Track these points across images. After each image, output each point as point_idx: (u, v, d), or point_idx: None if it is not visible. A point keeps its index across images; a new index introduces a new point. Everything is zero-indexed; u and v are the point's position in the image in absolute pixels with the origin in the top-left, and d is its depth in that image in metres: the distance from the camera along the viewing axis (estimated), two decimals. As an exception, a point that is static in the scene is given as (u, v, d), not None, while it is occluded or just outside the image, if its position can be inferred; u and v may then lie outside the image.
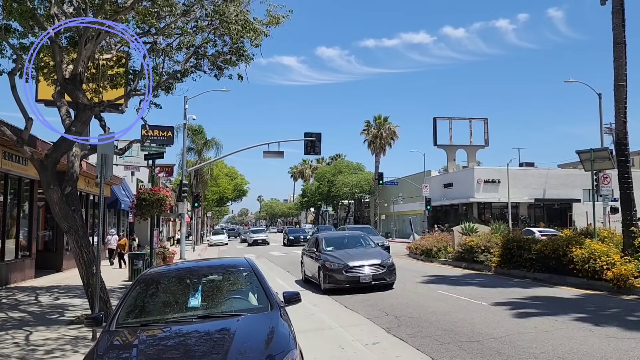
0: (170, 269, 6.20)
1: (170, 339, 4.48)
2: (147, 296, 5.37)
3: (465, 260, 18.47)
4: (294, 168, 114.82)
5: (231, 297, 5.37)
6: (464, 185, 50.00)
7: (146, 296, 5.36)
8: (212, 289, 5.46)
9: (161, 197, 14.85)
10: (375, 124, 65.29)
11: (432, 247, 21.85)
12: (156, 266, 17.54)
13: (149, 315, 5.02)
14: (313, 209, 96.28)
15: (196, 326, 4.62)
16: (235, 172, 78.84)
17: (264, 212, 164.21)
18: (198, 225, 55.98)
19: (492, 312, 9.50)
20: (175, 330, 4.58)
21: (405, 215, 61.16)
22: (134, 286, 5.40)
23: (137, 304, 5.19)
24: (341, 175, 72.57)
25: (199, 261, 7.16)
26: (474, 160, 56.75)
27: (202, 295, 5.24)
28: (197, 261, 7.14)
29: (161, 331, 4.62)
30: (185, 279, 5.63)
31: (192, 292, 5.32)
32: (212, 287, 5.50)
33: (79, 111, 9.67)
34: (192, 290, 5.35)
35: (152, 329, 4.66)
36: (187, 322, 4.72)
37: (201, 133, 54.61)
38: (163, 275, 5.83)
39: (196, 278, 5.59)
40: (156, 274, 5.80)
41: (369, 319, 9.52)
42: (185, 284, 5.53)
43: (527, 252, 14.77)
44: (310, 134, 31.57)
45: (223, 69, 13.56)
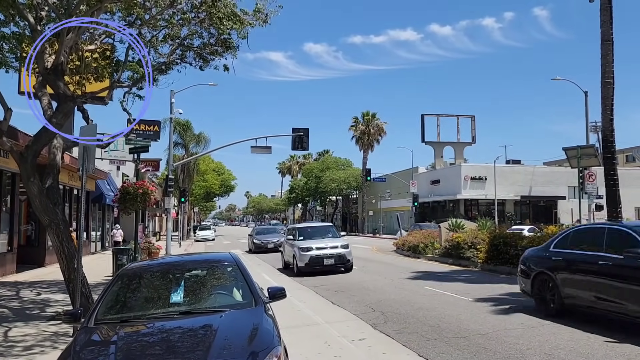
0: (152, 264, 6.04)
1: (151, 335, 4.35)
2: (128, 291, 5.22)
3: (452, 257, 18.49)
4: (282, 164, 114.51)
5: (215, 292, 5.25)
6: (451, 182, 50.20)
7: (127, 291, 5.22)
8: (195, 285, 5.33)
9: (145, 191, 14.63)
10: (363, 120, 65.24)
11: (419, 243, 21.86)
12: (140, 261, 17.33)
13: (130, 311, 4.88)
14: (301, 205, 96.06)
15: (178, 322, 4.49)
16: (222, 168, 78.37)
17: (252, 208, 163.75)
18: (185, 221, 55.56)
19: (478, 308, 9.48)
20: (156, 327, 4.45)
21: (393, 211, 61.26)
22: (114, 281, 5.25)
23: (118, 299, 5.05)
24: (329, 171, 72.43)
25: (182, 256, 7.01)
26: (461, 157, 57.03)
27: (185, 291, 5.11)
28: (180, 256, 6.99)
29: (141, 327, 4.48)
30: (167, 274, 5.48)
31: (174, 287, 5.18)
32: (195, 283, 5.36)
33: (61, 102, 9.44)
34: (174, 285, 5.22)
35: (132, 325, 4.52)
36: (168, 318, 4.59)
37: (189, 128, 54.15)
38: (145, 269, 5.68)
39: (179, 273, 5.44)
40: (138, 269, 5.65)
41: (355, 314, 9.44)
42: (168, 279, 5.39)
43: (514, 248, 14.81)
44: (297, 130, 31.41)
45: (208, 61, 13.40)
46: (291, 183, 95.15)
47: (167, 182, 30.59)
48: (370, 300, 10.92)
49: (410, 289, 12.35)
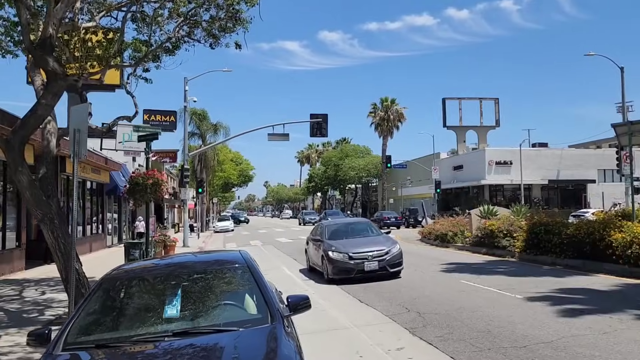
0: (144, 266, 4.93)
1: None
2: (111, 304, 4.14)
3: (485, 246, 17.19)
4: (301, 153, 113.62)
5: (220, 304, 4.12)
6: (474, 167, 48.58)
7: (109, 304, 4.13)
8: (196, 294, 4.20)
9: (156, 181, 13.59)
10: (382, 107, 63.72)
11: (448, 232, 20.56)
12: (154, 257, 16.39)
13: (111, 331, 3.80)
14: (320, 193, 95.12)
15: (171, 347, 3.39)
16: (240, 157, 77.72)
17: (271, 198, 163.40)
18: (203, 212, 54.92)
19: (530, 308, 8.24)
20: (143, 355, 3.36)
21: (414, 198, 59.81)
22: (94, 291, 4.17)
23: (96, 315, 3.96)
24: (348, 159, 71.22)
25: (182, 256, 5.88)
26: (484, 142, 55.16)
27: (183, 303, 3.99)
28: (179, 256, 5.87)
29: (122, 355, 3.39)
30: (162, 280, 4.37)
31: (170, 297, 4.07)
32: (196, 292, 4.24)
33: (50, 81, 8.39)
34: (170, 295, 4.11)
35: (111, 352, 3.44)
36: (159, 340, 3.50)
37: (205, 118, 53.29)
38: (134, 275, 4.57)
39: (176, 279, 4.33)
40: (125, 274, 4.55)
41: (388, 316, 8.28)
42: (162, 287, 4.28)
43: (557, 236, 13.46)
44: (316, 115, 30.23)
45: (218, 38, 12.23)
46: (310, 172, 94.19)
47: (182, 173, 29.75)
48: (403, 298, 9.74)
49: (445, 284, 11.13)
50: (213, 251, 6.29)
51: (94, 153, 22.07)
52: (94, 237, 24.76)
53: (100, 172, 24.97)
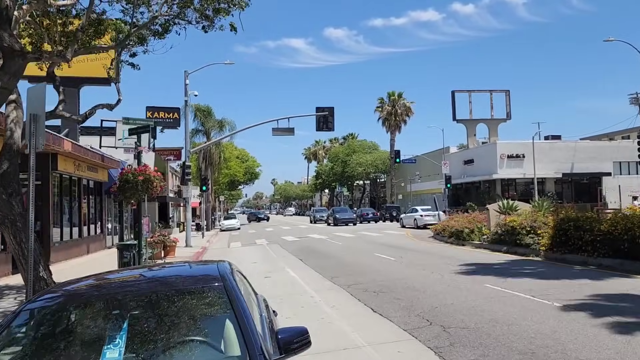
0: (83, 287, 3.68)
1: None
2: (27, 344, 2.95)
3: (506, 244, 15.92)
4: (307, 150, 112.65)
5: (181, 343, 2.91)
6: (486, 161, 47.21)
7: (25, 344, 2.95)
8: (148, 328, 3.00)
9: (147, 178, 12.47)
10: (389, 101, 62.45)
11: (464, 229, 19.29)
12: (146, 261, 15.24)
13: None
14: (327, 190, 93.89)
15: None
16: (246, 155, 76.61)
17: (279, 195, 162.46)
18: (208, 210, 53.83)
19: (574, 320, 6.99)
20: None
21: (423, 194, 58.48)
22: (7, 324, 2.99)
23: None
24: (355, 154, 69.95)
25: (141, 270, 4.58)
26: (495, 135, 53.61)
27: (129, 342, 2.80)
28: (137, 270, 4.60)
29: None
30: (103, 308, 3.18)
31: (111, 334, 2.88)
32: (150, 324, 3.03)
33: (6, 59, 7.23)
34: (112, 330, 2.92)
35: None
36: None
37: (210, 114, 52.17)
38: (66, 300, 3.35)
39: (124, 306, 3.13)
40: (54, 299, 3.33)
41: (406, 331, 7.06)
42: (102, 318, 3.10)
43: (589, 233, 12.18)
44: (322, 109, 29.05)
45: (212, 19, 11.06)
46: (317, 168, 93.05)
47: (184, 170, 28.64)
48: (422, 306, 8.52)
49: (468, 289, 9.89)
50: (185, 263, 4.97)
51: (89, 150, 20.99)
52: (92, 238, 23.71)
53: (97, 170, 23.90)
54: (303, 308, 9.19)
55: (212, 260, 4.11)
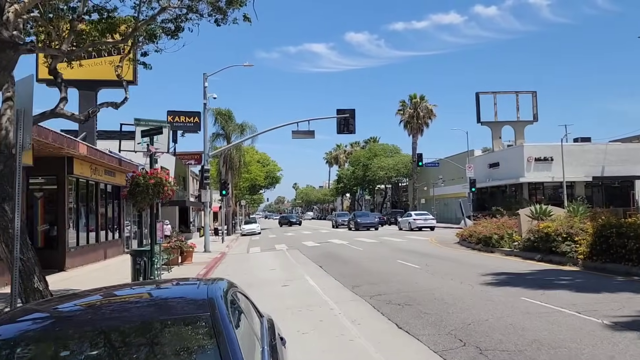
0: (33, 316, 2.92)
1: None
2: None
3: (540, 251, 14.94)
4: (329, 154, 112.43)
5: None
6: (512, 165, 45.83)
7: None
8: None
9: (158, 181, 11.90)
10: (411, 104, 61.47)
11: (493, 235, 18.30)
12: (159, 268, 14.67)
13: None
14: (349, 194, 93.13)
15: None
16: (267, 159, 76.38)
17: (300, 199, 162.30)
18: (229, 214, 53.48)
19: (632, 342, 6.09)
20: None
21: (446, 198, 57.28)
22: None
23: None
24: (377, 158, 69.04)
25: (117, 291, 3.72)
26: (521, 138, 52.10)
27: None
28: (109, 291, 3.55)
29: None
30: (57, 345, 2.49)
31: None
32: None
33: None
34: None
35: None
36: None
37: (231, 118, 51.93)
38: (10, 334, 2.63)
39: (82, 344, 2.43)
40: None
41: (437, 352, 6.26)
42: None
43: (634, 240, 11.19)
44: (343, 111, 28.33)
45: (226, 11, 10.44)
46: (338, 172, 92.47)
47: (202, 174, 28.22)
48: (453, 322, 7.70)
49: (503, 302, 9.02)
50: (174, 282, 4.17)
51: (105, 154, 20.62)
52: (110, 243, 23.34)
53: (114, 174, 23.54)
54: (322, 322, 8.46)
55: (201, 280, 3.40)
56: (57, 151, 16.38)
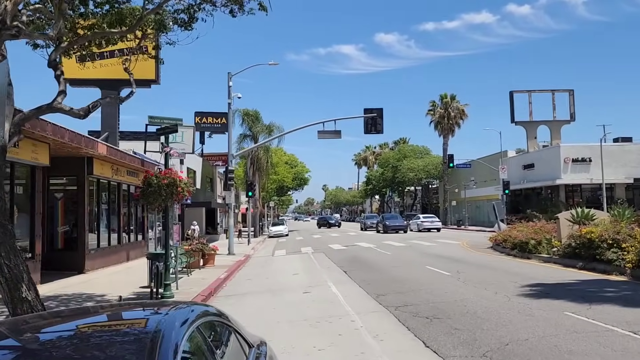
0: None
1: None
2: None
3: (581, 258, 13.79)
4: (357, 155, 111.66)
5: None
6: (548, 166, 44.07)
7: None
8: None
9: (172, 182, 11.31)
10: (441, 104, 60.12)
11: (529, 240, 17.14)
12: (176, 273, 14.12)
13: None
14: (378, 196, 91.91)
15: None
16: (295, 160, 75.86)
17: (329, 201, 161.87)
18: (256, 216, 53.09)
19: None
20: None
21: (478, 200, 55.64)
22: None
23: None
24: (406, 160, 67.77)
25: (57, 323, 2.94)
26: (557, 138, 50.10)
27: None
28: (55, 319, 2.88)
29: None
30: None
31: None
32: None
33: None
34: None
35: None
36: None
37: (258, 119, 51.56)
38: None
39: None
40: None
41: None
42: None
43: (693, 249, 10.04)
44: (370, 110, 27.45)
45: (242, 1, 9.78)
46: (367, 174, 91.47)
47: (226, 175, 27.76)
48: (488, 341, 6.80)
49: (545, 318, 8.05)
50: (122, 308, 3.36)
51: (127, 154, 20.27)
52: (133, 244, 23.05)
53: (138, 175, 23.19)
54: (341, 336, 7.67)
55: (176, 304, 2.68)
56: (75, 151, 16.03)
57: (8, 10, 7.36)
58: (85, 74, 21.64)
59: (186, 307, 2.77)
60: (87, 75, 22.09)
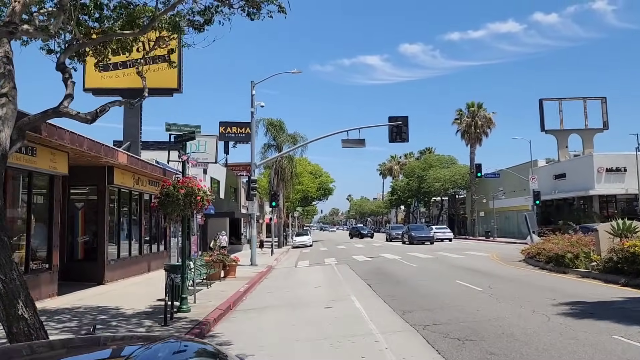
0: None
1: None
2: None
3: (624, 274, 12.83)
4: (382, 165, 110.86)
5: None
6: (580, 176, 42.60)
7: None
8: None
9: (190, 191, 10.87)
10: (468, 112, 59.02)
11: (566, 253, 16.17)
12: (194, 285, 13.68)
13: None
14: (403, 206, 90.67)
15: None
16: (319, 170, 75.38)
17: (354, 211, 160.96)
18: (280, 226, 52.66)
19: None
20: None
21: (507, 211, 54.21)
22: None
23: None
24: (432, 169, 66.61)
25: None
26: (590, 147, 48.47)
27: None
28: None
29: None
30: None
31: None
32: None
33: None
34: None
35: None
36: None
37: (282, 128, 51.31)
38: None
39: None
40: None
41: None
42: None
43: None
44: (395, 118, 26.76)
45: (260, 4, 9.33)
46: (392, 184, 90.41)
47: (249, 185, 27.32)
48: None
49: (590, 342, 7.26)
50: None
51: (148, 163, 20.04)
52: (154, 255, 22.75)
53: (159, 185, 22.99)
54: (364, 359, 7.03)
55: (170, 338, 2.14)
56: (95, 160, 15.80)
57: (17, 11, 7.04)
58: (108, 84, 21.58)
59: (178, 344, 2.24)
60: (110, 85, 22.05)
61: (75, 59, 9.95)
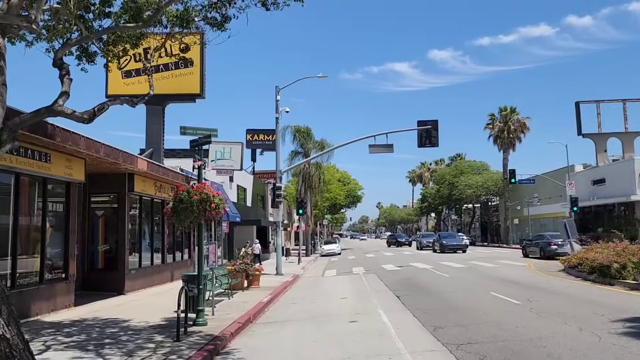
0: None
1: None
2: None
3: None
4: (412, 172, 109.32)
5: None
6: (620, 181, 40.64)
7: None
8: None
9: (205, 198, 10.26)
10: (500, 117, 57.36)
11: (612, 263, 14.94)
12: (212, 296, 13.07)
13: None
14: (434, 214, 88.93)
15: None
16: (348, 177, 74.58)
17: (383, 219, 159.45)
18: (308, 234, 51.96)
19: None
20: None
21: (543, 218, 52.26)
22: None
23: None
24: (463, 176, 64.97)
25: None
26: (630, 151, 46.30)
27: None
28: None
29: None
30: None
31: None
32: None
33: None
34: None
35: None
36: None
37: (309, 135, 50.75)
38: None
39: None
40: None
41: None
42: None
43: None
44: (424, 122, 25.82)
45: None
46: (422, 191, 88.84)
47: (274, 192, 26.72)
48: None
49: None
50: None
51: (169, 170, 19.62)
52: (177, 264, 22.30)
53: (180, 192, 22.60)
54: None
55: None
56: (114, 167, 15.41)
57: (13, 5, 6.55)
58: (131, 90, 21.31)
59: None
60: (132, 92, 21.81)
61: (84, 59, 9.50)
